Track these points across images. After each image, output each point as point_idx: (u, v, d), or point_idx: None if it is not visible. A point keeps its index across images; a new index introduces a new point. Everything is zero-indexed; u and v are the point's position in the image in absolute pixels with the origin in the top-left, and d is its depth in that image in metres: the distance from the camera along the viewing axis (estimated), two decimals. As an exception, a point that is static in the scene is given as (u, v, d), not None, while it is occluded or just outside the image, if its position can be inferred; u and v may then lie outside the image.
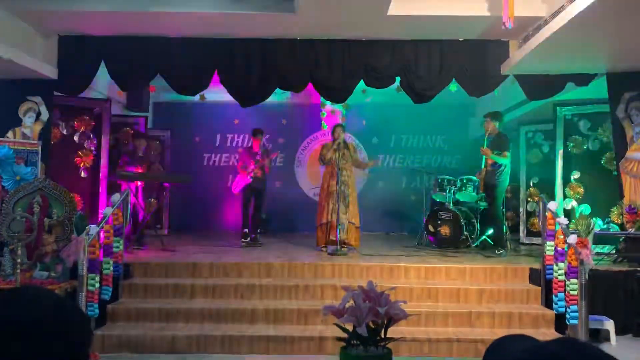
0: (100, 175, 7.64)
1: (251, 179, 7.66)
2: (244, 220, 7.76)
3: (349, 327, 2.20)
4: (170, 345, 4.82)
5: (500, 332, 4.94)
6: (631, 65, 6.21)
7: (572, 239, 4.76)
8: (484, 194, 7.42)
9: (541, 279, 5.55)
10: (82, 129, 7.61)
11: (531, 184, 8.51)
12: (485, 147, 7.01)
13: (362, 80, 6.77)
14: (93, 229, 4.93)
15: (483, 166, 7.16)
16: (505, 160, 6.94)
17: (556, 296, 5.05)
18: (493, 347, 1.00)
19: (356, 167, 7.27)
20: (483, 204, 7.60)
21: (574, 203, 7.60)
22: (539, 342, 0.86)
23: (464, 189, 7.84)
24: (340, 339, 2.24)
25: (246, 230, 7.68)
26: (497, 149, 6.95)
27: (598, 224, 7.02)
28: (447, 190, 7.82)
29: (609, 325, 5.21)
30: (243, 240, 7.60)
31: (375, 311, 2.07)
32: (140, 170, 7.51)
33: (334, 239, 6.76)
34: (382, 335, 2.16)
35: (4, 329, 0.80)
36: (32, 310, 0.84)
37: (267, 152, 8.00)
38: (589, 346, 0.81)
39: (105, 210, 5.49)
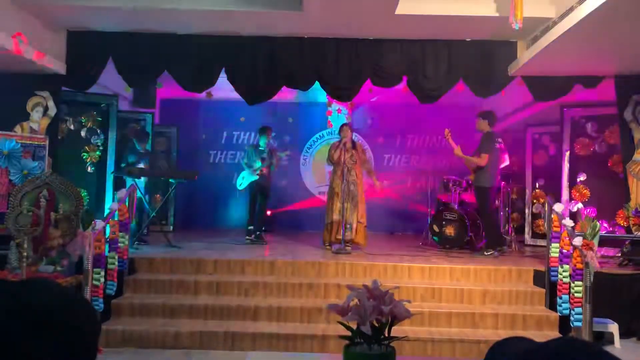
0: (107, 170, 7.67)
1: (257, 177, 7.68)
2: (250, 217, 7.78)
3: (353, 326, 2.20)
4: (173, 340, 4.85)
5: (504, 334, 4.94)
6: (639, 67, 6.19)
7: (578, 241, 4.75)
8: None
9: (545, 281, 5.53)
10: (89, 124, 7.65)
11: (537, 186, 8.48)
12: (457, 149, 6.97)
13: (369, 80, 6.77)
14: (99, 223, 4.96)
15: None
16: (480, 163, 6.77)
17: (560, 298, 5.03)
18: (494, 348, 1.01)
19: (363, 168, 7.23)
20: None
21: (580, 205, 7.57)
22: (541, 343, 0.87)
23: (469, 189, 7.83)
24: (343, 337, 2.24)
25: (251, 227, 7.70)
26: (478, 149, 6.93)
27: (604, 227, 7.00)
28: (453, 191, 7.81)
29: (613, 328, 5.19)
30: (248, 237, 7.63)
31: (380, 310, 2.07)
32: (143, 167, 7.53)
33: (340, 237, 6.75)
34: (386, 334, 2.16)
35: (16, 318, 0.81)
36: (43, 301, 0.85)
37: (274, 151, 8.01)
38: (591, 345, 0.81)
39: (111, 206, 5.53)
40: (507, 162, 7.78)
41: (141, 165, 7.52)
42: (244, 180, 7.80)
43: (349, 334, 2.20)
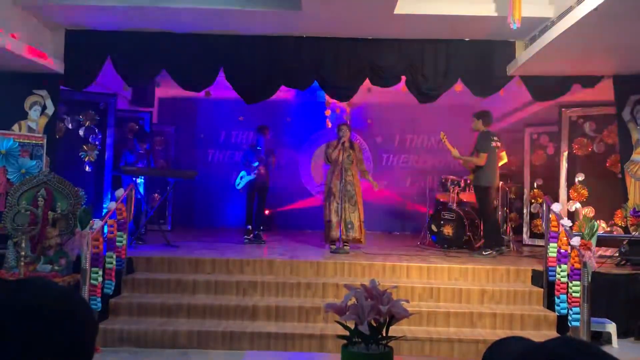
0: (105, 169, 7.67)
1: (254, 176, 7.68)
2: (248, 217, 7.78)
3: (351, 325, 2.20)
4: (171, 340, 4.84)
5: (502, 333, 4.95)
6: (638, 67, 6.19)
7: (576, 241, 4.75)
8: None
9: (543, 281, 5.54)
10: (88, 123, 7.64)
11: (535, 186, 8.49)
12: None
13: (367, 79, 6.77)
14: (97, 223, 4.95)
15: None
16: (479, 163, 6.83)
17: (558, 298, 5.04)
18: (492, 348, 1.01)
19: (358, 169, 7.20)
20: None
21: (578, 205, 7.58)
22: (539, 342, 0.87)
23: (467, 189, 7.83)
24: (341, 336, 2.24)
25: (249, 227, 7.70)
26: (475, 149, 6.98)
27: (602, 227, 7.00)
28: (451, 191, 7.82)
29: (611, 328, 5.20)
30: (246, 236, 7.63)
31: (378, 309, 2.07)
32: (142, 166, 7.54)
33: (343, 237, 6.75)
34: (384, 334, 2.16)
35: (13, 317, 0.81)
36: (41, 299, 0.85)
37: (272, 150, 8.01)
38: (589, 345, 0.81)
39: (109, 205, 5.52)
40: (505, 160, 7.78)
41: (140, 165, 7.51)
42: (242, 179, 7.81)
43: (347, 333, 2.20)
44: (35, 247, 5.24)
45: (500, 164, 7.30)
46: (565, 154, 7.77)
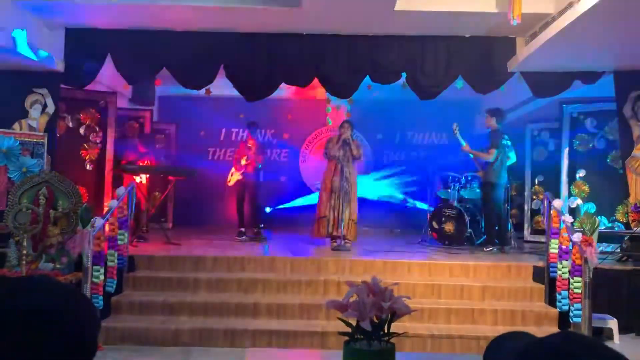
0: (106, 168, 7.67)
1: (241, 175, 7.62)
2: (239, 217, 7.74)
3: (352, 322, 2.20)
4: (173, 338, 4.85)
5: (503, 330, 4.92)
6: (639, 63, 6.18)
7: (577, 237, 4.75)
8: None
9: (545, 277, 5.54)
10: (88, 121, 7.64)
11: (536, 182, 8.48)
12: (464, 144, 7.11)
13: (367, 76, 6.76)
14: (98, 221, 4.96)
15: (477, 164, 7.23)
16: (488, 158, 6.91)
17: (560, 294, 5.04)
18: (494, 343, 1.01)
19: (355, 158, 7.16)
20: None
21: (579, 201, 7.58)
22: (541, 337, 0.87)
23: (468, 186, 7.83)
24: (343, 333, 2.24)
25: (242, 229, 7.64)
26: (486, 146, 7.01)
27: (603, 223, 7.00)
28: (452, 187, 7.81)
29: (612, 324, 5.20)
30: (238, 237, 7.57)
31: (379, 306, 2.07)
32: (142, 164, 7.53)
33: (335, 234, 6.75)
34: (386, 330, 2.16)
35: (16, 317, 0.81)
36: (44, 297, 0.85)
37: (263, 147, 7.95)
38: (591, 339, 0.81)
39: (111, 203, 5.52)
40: (513, 160, 7.73)
41: (140, 163, 7.51)
42: (232, 177, 7.77)
43: (349, 330, 2.20)
44: (37, 245, 5.24)
45: (508, 163, 7.31)
46: (566, 150, 7.76)
